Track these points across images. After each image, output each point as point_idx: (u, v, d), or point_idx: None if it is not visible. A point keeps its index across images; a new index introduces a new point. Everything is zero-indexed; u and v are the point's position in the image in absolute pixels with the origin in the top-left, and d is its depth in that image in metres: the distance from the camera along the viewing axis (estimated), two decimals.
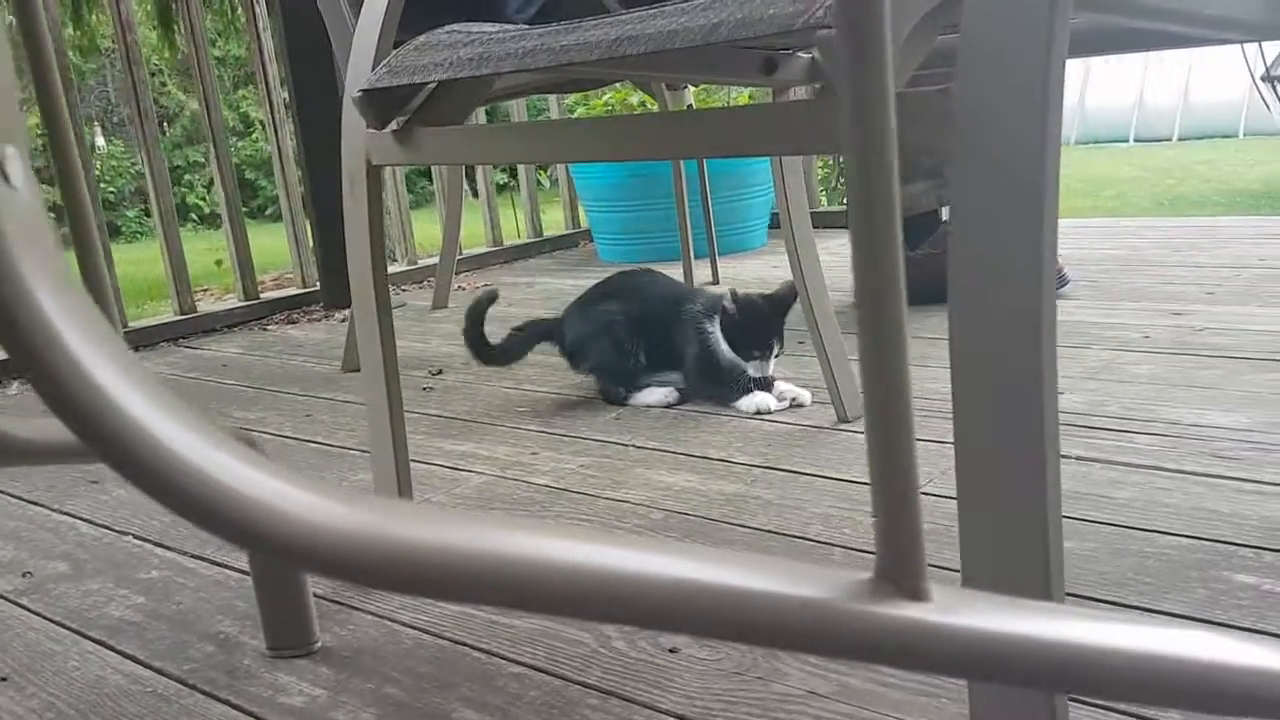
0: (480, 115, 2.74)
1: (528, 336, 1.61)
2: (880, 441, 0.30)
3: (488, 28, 0.90)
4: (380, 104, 0.87)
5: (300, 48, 2.33)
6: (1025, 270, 0.50)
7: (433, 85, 0.88)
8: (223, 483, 0.23)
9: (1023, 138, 0.49)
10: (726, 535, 1.03)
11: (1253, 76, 7.35)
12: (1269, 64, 6.53)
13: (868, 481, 1.18)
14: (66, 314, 0.27)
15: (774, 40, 0.83)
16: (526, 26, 0.95)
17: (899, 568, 0.29)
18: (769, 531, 1.03)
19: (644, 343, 1.54)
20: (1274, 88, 6.79)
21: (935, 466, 1.14)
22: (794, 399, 1.46)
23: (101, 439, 0.23)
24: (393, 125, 0.89)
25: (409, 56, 0.85)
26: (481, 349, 1.57)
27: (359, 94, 0.86)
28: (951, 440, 1.30)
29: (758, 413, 1.42)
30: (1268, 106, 7.09)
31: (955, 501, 1.05)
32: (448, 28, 0.90)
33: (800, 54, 1.17)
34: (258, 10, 2.36)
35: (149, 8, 8.58)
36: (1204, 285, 1.89)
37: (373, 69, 0.89)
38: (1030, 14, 0.48)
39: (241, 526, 0.24)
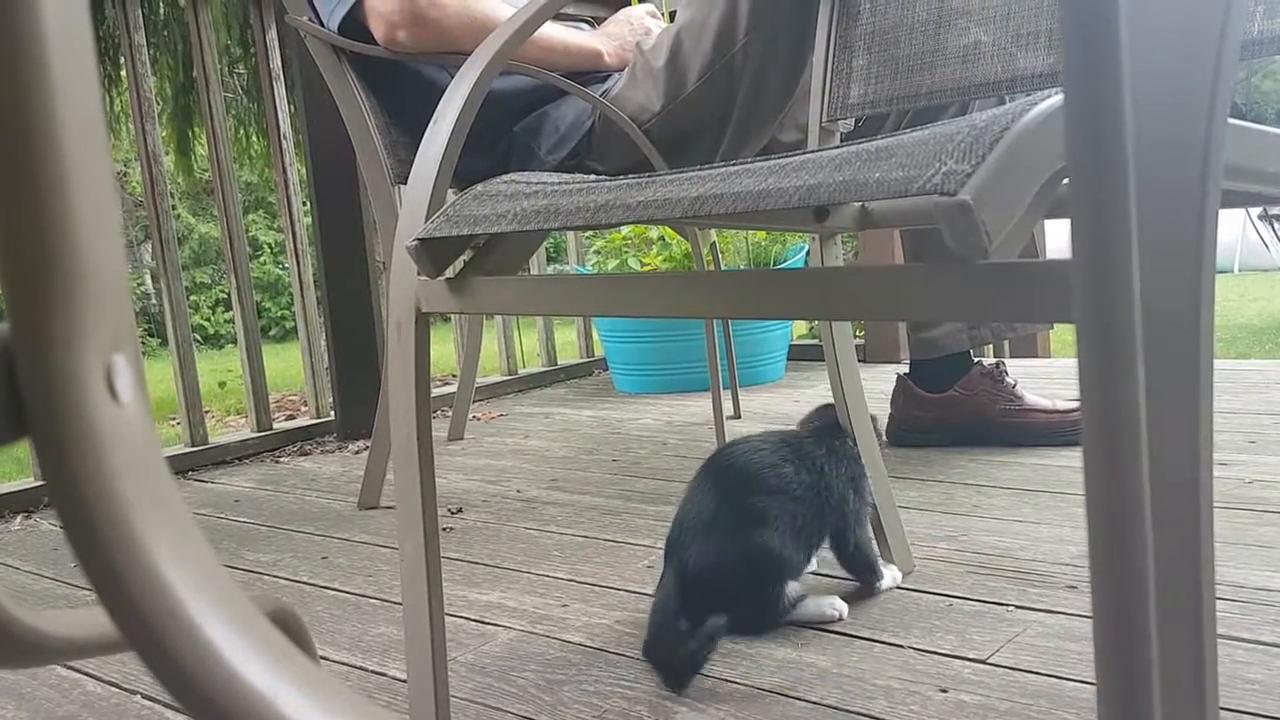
0: None
1: None
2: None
3: (547, 177, 0.87)
4: (435, 253, 0.84)
5: (326, 180, 2.34)
6: (1179, 451, 0.45)
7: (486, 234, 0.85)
8: None
9: (1172, 313, 0.45)
10: (784, 710, 0.96)
11: (1249, 215, 7.49)
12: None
13: (929, 649, 1.09)
14: (185, 570, 0.22)
15: None
16: (576, 177, 0.93)
17: None
18: (829, 707, 0.96)
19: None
20: (1272, 226, 6.92)
21: (999, 634, 1.08)
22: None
23: None
24: (447, 273, 0.86)
25: (468, 205, 0.83)
26: None
27: (415, 243, 0.83)
28: (1016, 604, 1.21)
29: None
30: (1266, 245, 7.21)
31: (1025, 675, 0.98)
32: (505, 177, 0.88)
33: (852, 202, 1.15)
34: (285, 146, 2.38)
35: (167, 133, 8.78)
36: (1244, 433, 1.84)
37: (427, 217, 0.86)
38: (1180, 173, 0.44)
39: None
